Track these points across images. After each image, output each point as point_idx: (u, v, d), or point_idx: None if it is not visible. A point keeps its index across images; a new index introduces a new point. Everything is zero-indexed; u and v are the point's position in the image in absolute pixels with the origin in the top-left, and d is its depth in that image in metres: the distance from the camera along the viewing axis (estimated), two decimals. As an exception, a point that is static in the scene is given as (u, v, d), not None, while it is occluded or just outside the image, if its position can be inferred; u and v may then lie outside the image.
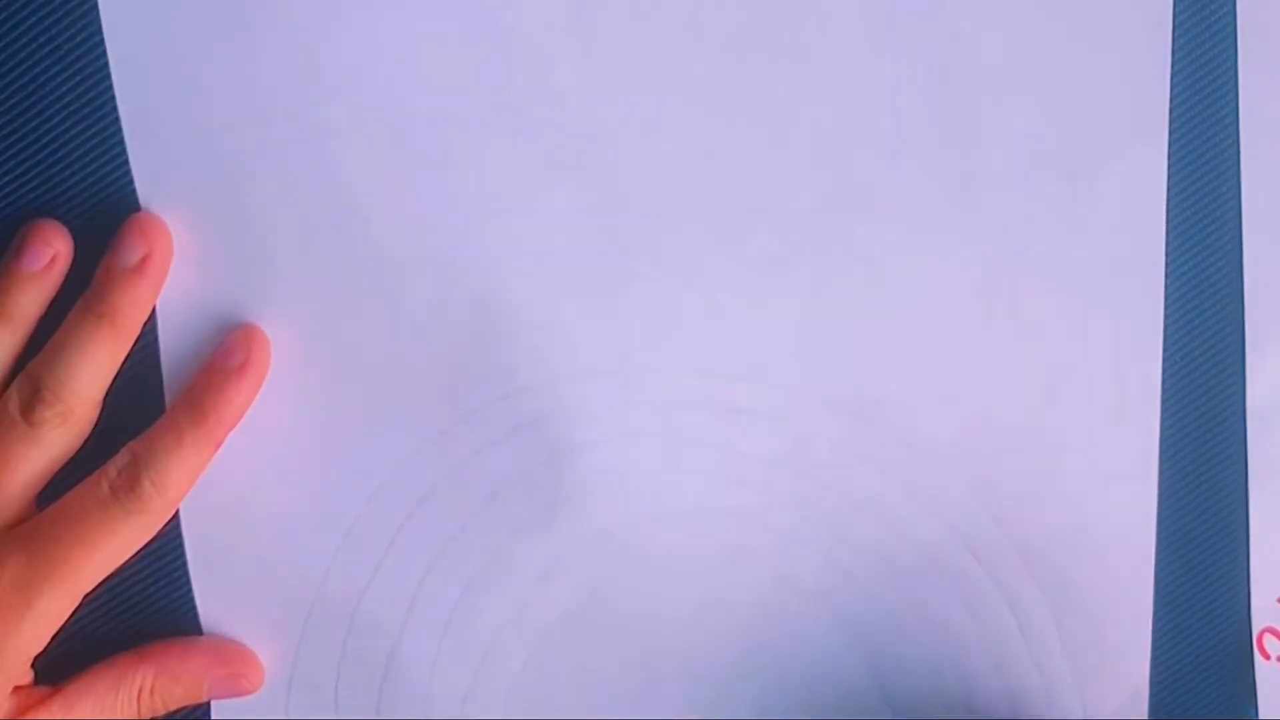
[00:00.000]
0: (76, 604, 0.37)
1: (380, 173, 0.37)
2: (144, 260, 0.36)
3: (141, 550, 0.37)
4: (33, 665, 0.37)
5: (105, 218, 0.37)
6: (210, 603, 0.40)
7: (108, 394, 0.37)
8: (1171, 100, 0.39)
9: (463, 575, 0.40)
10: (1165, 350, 0.41)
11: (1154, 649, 0.43)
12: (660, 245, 0.39)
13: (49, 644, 0.37)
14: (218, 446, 0.37)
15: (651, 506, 0.41)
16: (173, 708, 0.39)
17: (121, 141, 0.36)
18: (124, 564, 0.37)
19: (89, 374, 0.36)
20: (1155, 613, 0.43)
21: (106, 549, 0.36)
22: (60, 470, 0.37)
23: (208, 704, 0.40)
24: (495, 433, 0.39)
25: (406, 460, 0.39)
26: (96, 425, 0.37)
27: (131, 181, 0.37)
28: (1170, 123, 0.39)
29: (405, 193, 0.37)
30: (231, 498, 0.39)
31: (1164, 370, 0.41)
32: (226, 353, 0.37)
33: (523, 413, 0.39)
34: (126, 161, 0.36)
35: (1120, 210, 0.40)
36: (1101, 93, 0.39)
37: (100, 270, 0.36)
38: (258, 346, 0.37)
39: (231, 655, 0.40)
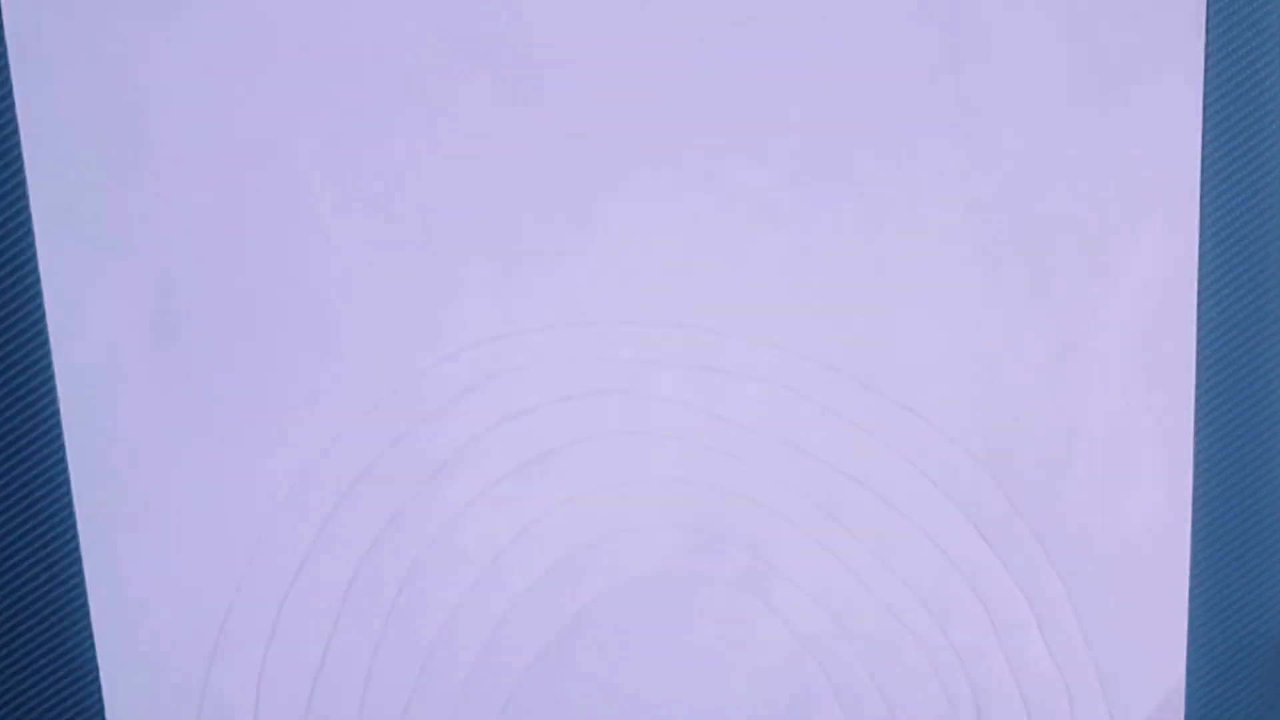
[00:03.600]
0: None
1: (309, 101, 0.36)
2: None
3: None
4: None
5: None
6: (105, 614, 0.38)
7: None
8: (1208, 23, 0.38)
9: (404, 562, 0.39)
10: (1200, 320, 0.40)
11: (1188, 649, 0.42)
12: (628, 181, 0.38)
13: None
14: None
15: (619, 476, 0.39)
16: None
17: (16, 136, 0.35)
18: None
19: None
20: (1190, 609, 0.42)
21: None
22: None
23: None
24: (440, 398, 0.38)
25: (337, 437, 0.38)
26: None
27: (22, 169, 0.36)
28: (1206, 48, 0.39)
29: (336, 123, 0.36)
30: (132, 490, 0.37)
31: (1199, 340, 0.40)
32: None
33: (472, 374, 0.38)
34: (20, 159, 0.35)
35: (1152, 147, 0.39)
36: (1132, 13, 0.38)
37: None
38: None
39: None
